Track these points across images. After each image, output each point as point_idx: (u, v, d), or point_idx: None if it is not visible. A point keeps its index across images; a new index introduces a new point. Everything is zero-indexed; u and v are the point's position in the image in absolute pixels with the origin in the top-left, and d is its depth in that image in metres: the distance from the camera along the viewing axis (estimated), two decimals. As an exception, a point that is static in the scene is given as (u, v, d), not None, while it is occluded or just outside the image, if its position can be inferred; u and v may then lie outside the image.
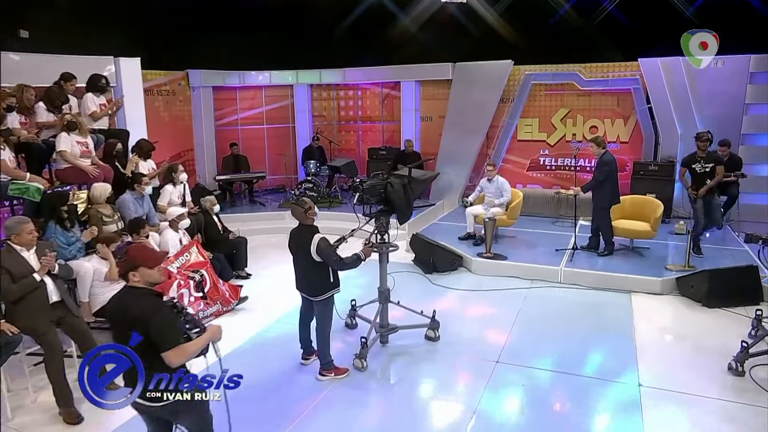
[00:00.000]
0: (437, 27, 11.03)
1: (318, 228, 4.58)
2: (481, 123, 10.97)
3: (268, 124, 12.75)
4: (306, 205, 4.51)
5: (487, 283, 7.10)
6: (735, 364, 4.67)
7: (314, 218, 4.60)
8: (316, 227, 4.58)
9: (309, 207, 4.52)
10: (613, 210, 7.76)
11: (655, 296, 6.56)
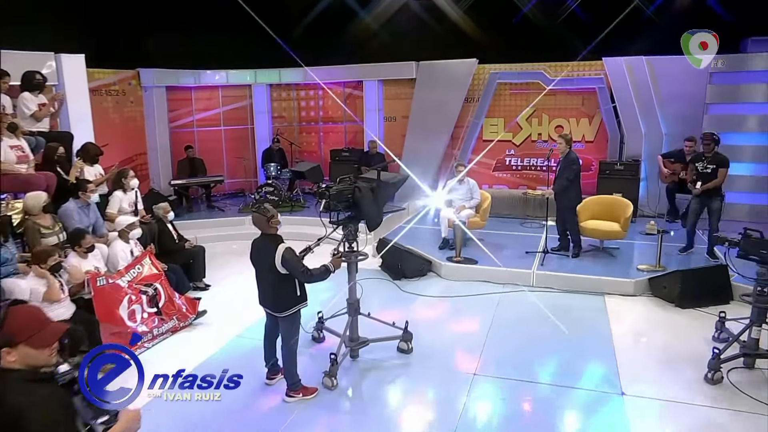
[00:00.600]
0: (400, 25, 10.76)
1: (282, 237, 4.23)
2: (446, 123, 10.77)
3: (225, 125, 12.23)
4: (268, 213, 4.16)
5: (458, 289, 6.87)
6: (711, 374, 4.54)
7: (278, 227, 4.24)
8: (280, 237, 4.23)
9: (272, 215, 4.16)
10: (582, 210, 7.68)
11: (629, 298, 6.47)
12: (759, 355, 4.70)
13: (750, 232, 4.67)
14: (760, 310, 4.61)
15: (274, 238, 4.17)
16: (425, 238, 8.57)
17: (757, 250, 4.57)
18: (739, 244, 4.71)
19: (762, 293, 4.59)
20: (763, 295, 4.59)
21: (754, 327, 4.65)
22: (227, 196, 12.01)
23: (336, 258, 4.38)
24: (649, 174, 9.53)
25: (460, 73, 10.53)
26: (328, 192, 4.34)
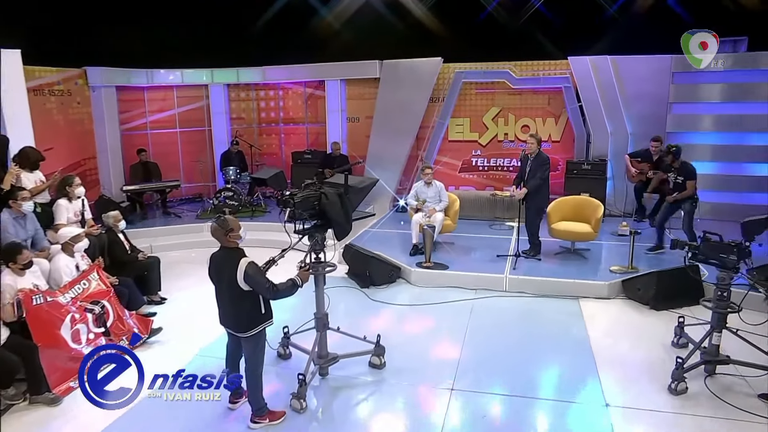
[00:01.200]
0: (363, 23, 10.48)
1: (244, 251, 3.86)
2: (411, 123, 10.52)
3: (181, 127, 11.66)
4: (227, 225, 3.78)
5: (429, 296, 6.61)
6: (675, 384, 4.39)
7: (238, 241, 3.87)
8: (241, 250, 3.85)
9: (230, 229, 3.79)
10: (553, 212, 7.55)
11: (603, 301, 6.33)
12: (719, 362, 4.59)
13: (709, 235, 4.57)
14: (720, 315, 4.51)
15: (235, 251, 3.80)
16: (393, 243, 8.30)
17: (716, 254, 4.49)
18: (698, 248, 4.60)
19: (722, 298, 4.49)
20: (723, 299, 4.49)
21: (714, 333, 4.54)
22: (184, 202, 11.46)
23: (303, 271, 4.04)
24: (615, 173, 9.51)
25: (424, 72, 10.30)
26: (293, 200, 4.00)
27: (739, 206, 8.99)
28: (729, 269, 4.44)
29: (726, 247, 4.45)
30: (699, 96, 9.28)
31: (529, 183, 7.12)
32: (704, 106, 9.31)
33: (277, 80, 11.53)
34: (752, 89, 8.92)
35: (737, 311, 4.51)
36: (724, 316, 4.52)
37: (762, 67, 8.79)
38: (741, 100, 9.01)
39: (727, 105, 9.13)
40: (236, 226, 3.83)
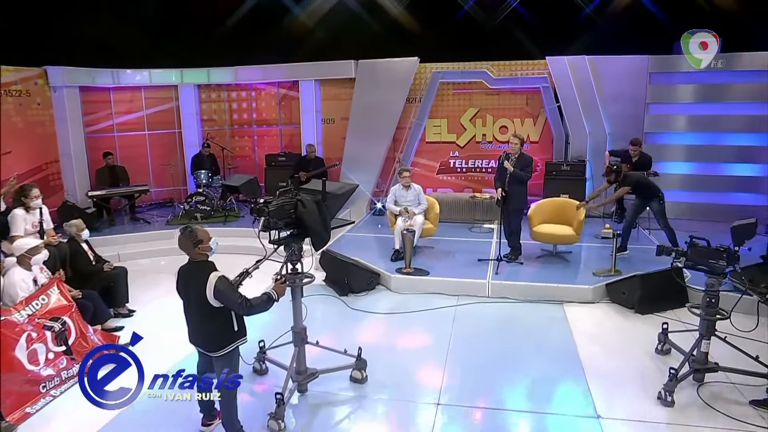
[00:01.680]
0: (337, 21, 10.24)
1: (214, 264, 3.59)
2: (388, 124, 10.32)
3: (150, 129, 11.24)
4: (195, 237, 3.51)
5: (411, 303, 6.40)
6: (664, 394, 4.25)
7: (208, 254, 3.60)
8: (211, 263, 3.58)
9: (199, 240, 3.51)
10: (534, 214, 7.42)
11: (588, 305, 6.21)
12: (709, 370, 4.46)
13: (696, 240, 4.44)
14: (708, 323, 4.39)
15: (204, 265, 3.53)
16: (371, 247, 8.09)
17: (704, 259, 4.37)
18: (685, 254, 4.49)
19: (711, 304, 4.37)
20: (711, 306, 4.37)
21: (703, 341, 4.42)
22: (154, 207, 11.06)
23: (279, 284, 3.78)
24: (594, 174, 9.45)
25: (401, 72, 10.10)
26: (267, 208, 3.74)
27: (715, 206, 9.06)
28: (718, 275, 4.34)
29: (714, 252, 4.34)
30: (675, 96, 9.29)
31: (511, 185, 6.96)
32: (681, 107, 9.32)
33: (249, 80, 11.20)
34: (727, 90, 8.96)
35: (726, 317, 4.41)
36: (713, 324, 4.41)
37: (736, 68, 8.83)
38: (717, 101, 9.05)
39: (703, 105, 9.17)
40: (205, 237, 3.56)
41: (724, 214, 8.95)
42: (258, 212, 3.75)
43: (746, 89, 8.85)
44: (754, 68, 8.70)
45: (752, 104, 8.83)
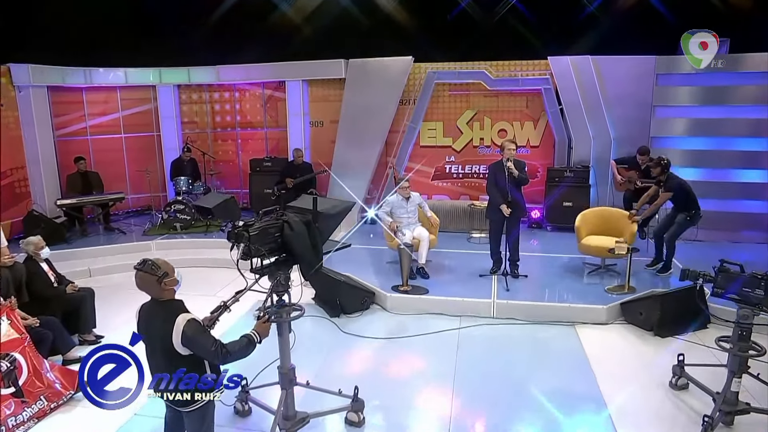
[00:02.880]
0: (327, 18, 9.65)
1: (183, 304, 2.99)
2: (380, 128, 9.73)
3: (126, 132, 10.57)
4: (158, 270, 2.91)
5: (409, 325, 5.84)
6: None
7: (176, 288, 3.00)
8: (179, 303, 2.98)
9: (163, 273, 2.91)
10: (580, 225, 6.89)
11: (602, 327, 5.70)
12: (740, 412, 3.91)
13: (727, 265, 3.89)
14: (741, 360, 3.84)
15: (171, 305, 2.93)
16: (364, 260, 7.54)
17: (737, 287, 3.81)
18: (714, 280, 3.93)
19: (743, 338, 3.81)
20: (744, 340, 3.82)
21: (734, 379, 3.87)
22: (131, 215, 10.41)
23: (263, 323, 3.19)
24: (598, 180, 8.95)
25: (394, 72, 9.53)
26: (247, 232, 3.15)
27: (726, 214, 8.58)
28: (753, 305, 3.79)
29: (751, 279, 3.78)
30: (684, 99, 8.82)
31: (514, 193, 6.44)
32: (689, 110, 8.85)
33: (232, 81, 10.55)
34: (739, 92, 8.51)
35: (762, 353, 3.88)
36: (746, 360, 3.85)
37: (750, 70, 8.38)
38: (727, 104, 8.58)
39: (712, 108, 8.69)
40: (170, 269, 2.96)
41: (732, 222, 8.57)
42: (236, 238, 3.15)
43: (757, 91, 8.40)
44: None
45: (764, 107, 8.38)
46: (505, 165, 6.41)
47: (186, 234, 8.89)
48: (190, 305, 3.00)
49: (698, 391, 4.26)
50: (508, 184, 6.43)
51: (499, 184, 6.53)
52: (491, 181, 6.70)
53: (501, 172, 6.52)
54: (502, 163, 6.49)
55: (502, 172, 6.50)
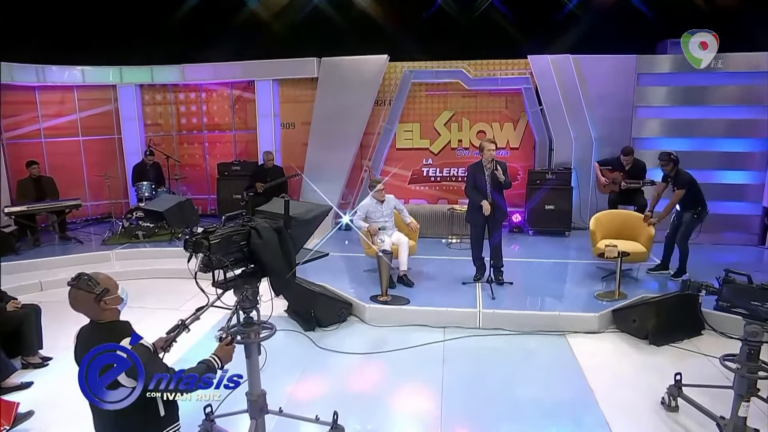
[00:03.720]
0: (299, 15, 9.24)
1: (129, 326, 2.51)
2: (354, 129, 9.33)
3: (84, 135, 9.94)
4: (95, 286, 2.43)
5: (390, 339, 5.43)
6: None
7: (119, 308, 2.53)
8: (125, 325, 2.51)
9: (104, 290, 2.43)
10: (595, 229, 6.55)
11: (594, 336, 5.38)
12: None
13: (733, 276, 3.53)
14: (749, 382, 3.44)
15: (114, 328, 2.45)
16: (339, 269, 7.12)
17: (746, 301, 3.42)
18: (719, 292, 3.54)
19: (752, 357, 3.43)
20: (753, 359, 3.43)
21: (741, 403, 3.48)
22: (90, 223, 9.79)
23: (225, 346, 2.74)
24: (580, 183, 8.71)
25: (369, 71, 9.15)
26: (207, 240, 2.70)
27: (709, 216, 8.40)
28: (763, 321, 3.44)
29: (760, 292, 3.40)
30: (665, 99, 8.65)
31: (496, 195, 6.14)
32: (671, 110, 8.68)
33: (199, 80, 10.02)
34: (722, 92, 8.38)
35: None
36: (754, 382, 3.45)
37: (733, 70, 8.26)
38: (709, 104, 8.44)
39: (694, 109, 8.54)
40: (111, 285, 2.48)
41: (714, 224, 8.40)
42: (194, 247, 2.70)
43: (739, 91, 8.28)
44: (751, 69, 8.13)
45: (746, 108, 8.27)
46: (485, 167, 6.11)
47: (149, 243, 8.32)
48: (152, 320, 2.56)
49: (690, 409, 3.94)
50: (488, 186, 6.12)
51: (479, 186, 6.20)
52: (470, 183, 6.36)
53: (480, 174, 6.21)
54: (482, 164, 6.18)
55: (482, 174, 6.19)
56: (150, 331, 2.70)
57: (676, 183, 6.31)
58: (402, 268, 6.47)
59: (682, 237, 6.34)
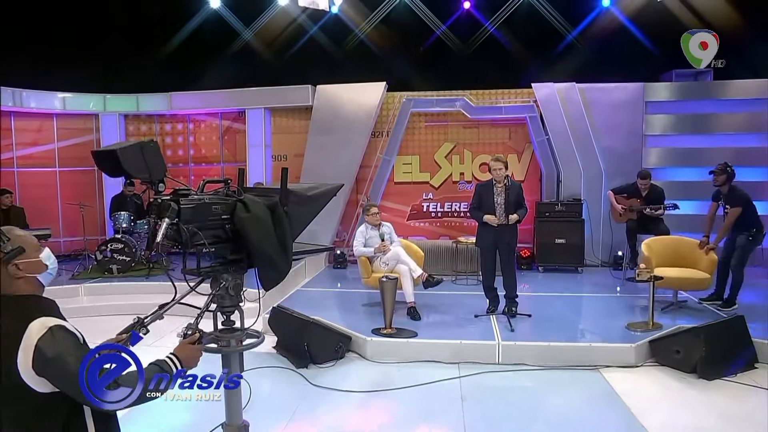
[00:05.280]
0: (293, 44, 8.95)
1: (52, 305, 1.79)
2: (350, 162, 8.78)
3: (62, 166, 9.31)
4: (5, 244, 1.72)
5: (395, 376, 4.65)
6: None
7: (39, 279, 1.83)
8: (43, 303, 1.78)
9: (17, 249, 1.71)
10: (651, 256, 5.90)
11: (632, 370, 4.65)
12: None
13: None
14: None
15: (23, 305, 1.73)
16: (334, 304, 6.40)
17: None
18: None
19: None
20: None
21: None
22: (62, 260, 8.92)
23: (188, 343, 2.02)
24: (591, 216, 8.16)
25: (366, 99, 8.71)
26: (177, 204, 2.04)
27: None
28: None
29: None
30: (676, 128, 8.29)
31: (519, 212, 5.56)
32: (682, 139, 8.31)
33: (186, 109, 9.53)
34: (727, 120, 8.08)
35: None
36: None
37: (742, 97, 7.98)
38: (718, 132, 8.10)
39: (706, 138, 8.18)
40: (30, 245, 1.79)
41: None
42: (159, 210, 2.04)
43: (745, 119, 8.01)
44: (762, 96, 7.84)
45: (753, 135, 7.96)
46: (495, 187, 5.58)
47: (124, 277, 7.55)
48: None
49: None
50: (498, 209, 5.56)
51: (486, 208, 5.64)
52: (475, 203, 5.79)
53: (489, 194, 5.66)
54: (492, 183, 5.65)
55: (491, 194, 5.64)
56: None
57: (729, 201, 5.72)
58: (408, 300, 5.77)
59: (737, 263, 5.68)
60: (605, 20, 8.64)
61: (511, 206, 5.57)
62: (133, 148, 1.94)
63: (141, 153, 1.94)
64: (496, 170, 5.61)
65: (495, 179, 5.64)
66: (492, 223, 5.56)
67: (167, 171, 2.11)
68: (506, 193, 5.57)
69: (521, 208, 5.63)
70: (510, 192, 5.58)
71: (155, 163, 2.00)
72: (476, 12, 8.95)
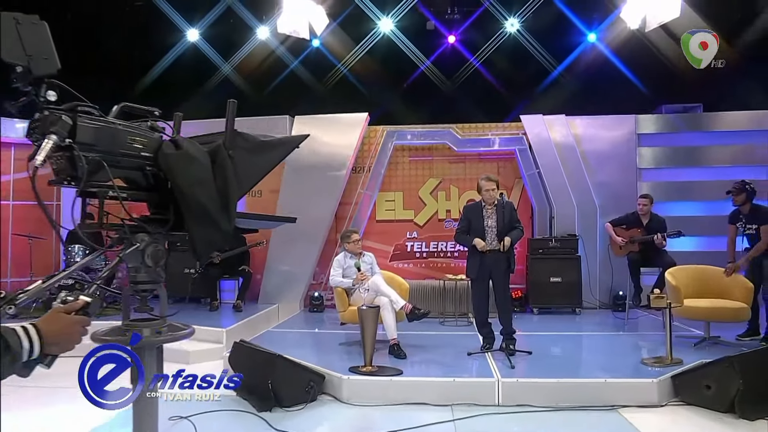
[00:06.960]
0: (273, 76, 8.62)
1: None
2: (329, 198, 8.19)
3: (16, 199, 8.57)
4: None
5: (377, 421, 3.90)
6: None
7: None
8: None
9: None
10: (680, 287, 5.27)
11: (656, 410, 3.95)
12: None
13: None
14: None
15: None
16: (308, 344, 5.64)
17: None
18: None
19: None
20: None
21: None
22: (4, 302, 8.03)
23: (61, 314, 1.39)
24: (588, 253, 7.62)
25: (346, 131, 8.23)
26: (72, 120, 1.46)
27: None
28: None
29: None
30: (672, 161, 7.97)
31: (513, 234, 4.98)
32: (677, 172, 7.96)
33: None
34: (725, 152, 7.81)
35: None
36: None
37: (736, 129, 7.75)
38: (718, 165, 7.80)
39: (701, 170, 7.87)
40: None
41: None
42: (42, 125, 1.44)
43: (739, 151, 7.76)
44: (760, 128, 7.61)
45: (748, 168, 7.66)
46: (485, 209, 5.06)
47: (71, 319, 6.70)
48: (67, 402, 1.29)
49: None
50: (489, 235, 5.01)
51: (476, 233, 5.06)
52: (462, 227, 5.23)
53: (479, 218, 5.11)
54: (481, 205, 5.12)
55: (480, 218, 5.09)
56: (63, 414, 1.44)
57: (755, 220, 5.23)
58: (390, 336, 5.06)
59: (767, 289, 5.14)
60: (591, 55, 8.48)
61: (504, 229, 5.02)
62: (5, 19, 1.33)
63: (16, 30, 1.35)
64: (488, 191, 5.09)
65: (485, 200, 5.12)
66: (480, 248, 4.97)
67: (59, 68, 1.52)
68: (498, 215, 5.03)
69: (515, 229, 5.05)
70: (503, 213, 5.05)
71: (40, 48, 1.41)
72: (461, 47, 8.73)
